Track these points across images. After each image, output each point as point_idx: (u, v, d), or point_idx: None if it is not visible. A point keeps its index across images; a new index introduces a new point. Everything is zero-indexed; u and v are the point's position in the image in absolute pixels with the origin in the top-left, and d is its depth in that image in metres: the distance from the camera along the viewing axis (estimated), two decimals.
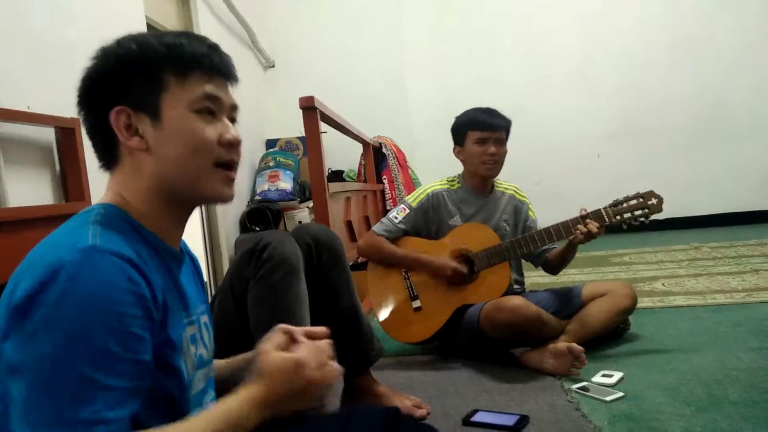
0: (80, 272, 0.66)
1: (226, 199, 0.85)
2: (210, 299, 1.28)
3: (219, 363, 1.04)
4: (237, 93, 0.89)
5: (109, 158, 0.82)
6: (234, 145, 0.83)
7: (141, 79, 0.78)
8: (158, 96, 0.78)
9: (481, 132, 2.13)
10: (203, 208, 3.61)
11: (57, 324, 0.64)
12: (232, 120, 0.86)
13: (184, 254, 0.90)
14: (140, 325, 0.69)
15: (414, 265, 2.11)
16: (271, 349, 0.83)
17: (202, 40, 0.84)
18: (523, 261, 2.28)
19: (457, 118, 2.24)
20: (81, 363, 0.64)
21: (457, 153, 2.23)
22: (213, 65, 0.82)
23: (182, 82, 0.79)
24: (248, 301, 1.31)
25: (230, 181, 0.84)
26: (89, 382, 0.64)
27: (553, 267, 2.19)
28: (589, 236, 1.91)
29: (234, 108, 0.86)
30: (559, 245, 2.14)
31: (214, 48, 0.84)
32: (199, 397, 0.86)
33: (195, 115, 0.80)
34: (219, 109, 0.82)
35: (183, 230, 0.88)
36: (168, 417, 0.74)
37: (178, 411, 0.78)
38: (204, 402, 0.87)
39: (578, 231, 1.92)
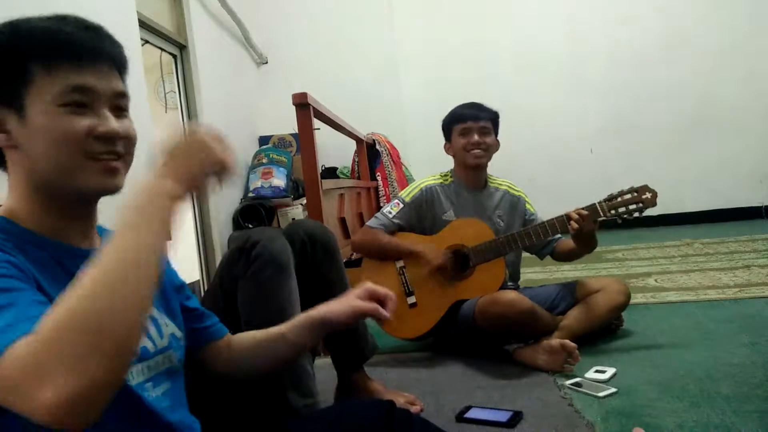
0: None
1: (110, 189, 0.77)
2: (200, 297, 1.26)
3: (255, 334, 1.03)
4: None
5: None
6: (110, 137, 0.75)
7: (6, 72, 0.72)
8: (23, 90, 0.72)
9: (464, 123, 2.15)
10: (195, 205, 3.59)
11: None
12: (120, 108, 0.78)
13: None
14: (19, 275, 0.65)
15: (409, 255, 2.10)
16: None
17: (78, 22, 0.76)
18: (520, 260, 2.28)
19: (445, 116, 2.25)
20: None
21: (447, 149, 2.26)
22: (84, 51, 0.74)
23: (48, 73, 0.72)
24: (238, 300, 1.29)
25: (111, 171, 0.76)
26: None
27: (564, 258, 2.19)
28: (580, 221, 1.90)
29: (119, 95, 0.78)
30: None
31: (89, 29, 0.76)
32: (142, 387, 0.78)
33: (62, 109, 0.72)
34: (94, 99, 0.74)
35: (89, 224, 0.82)
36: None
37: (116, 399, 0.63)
38: (147, 393, 0.79)
39: (572, 221, 1.92)
